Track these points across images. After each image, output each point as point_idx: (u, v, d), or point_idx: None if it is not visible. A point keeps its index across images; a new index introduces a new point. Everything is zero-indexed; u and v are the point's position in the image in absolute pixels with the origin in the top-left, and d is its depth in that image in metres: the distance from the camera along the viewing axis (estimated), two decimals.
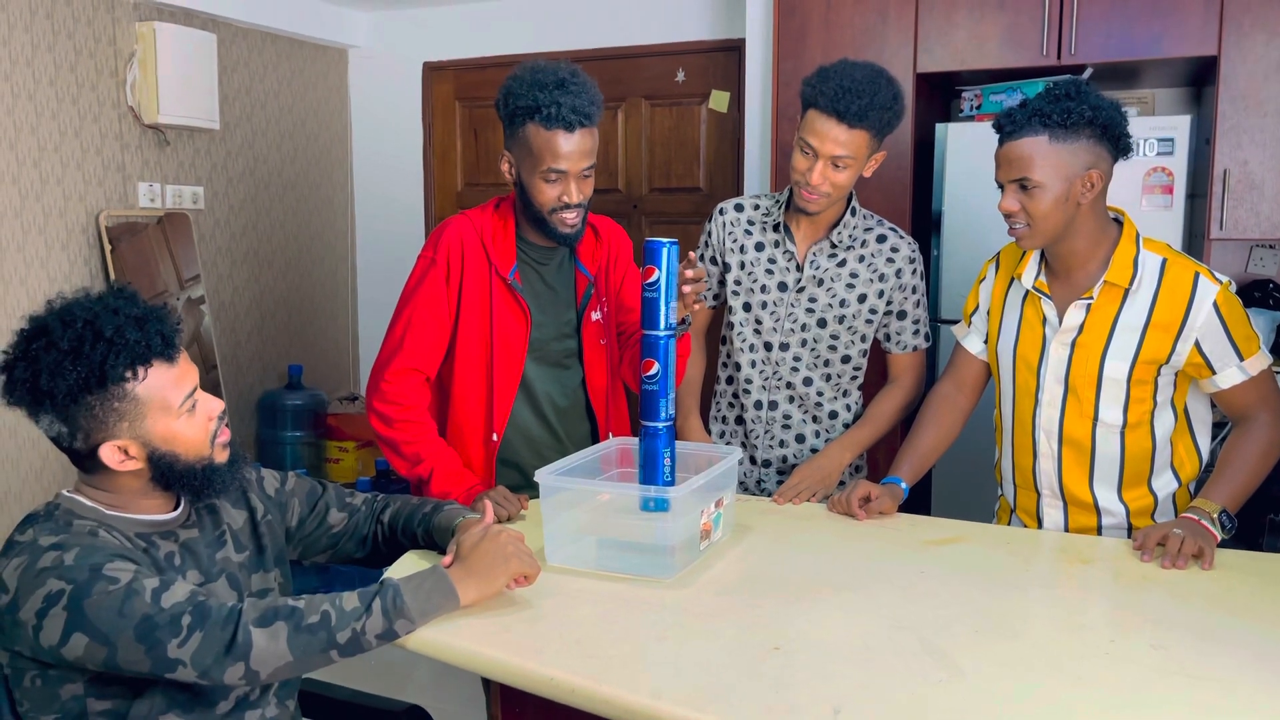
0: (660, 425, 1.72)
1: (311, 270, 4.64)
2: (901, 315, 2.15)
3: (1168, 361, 1.78)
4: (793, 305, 2.12)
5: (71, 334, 1.29)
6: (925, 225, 3.31)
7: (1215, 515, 1.73)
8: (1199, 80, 3.24)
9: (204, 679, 1.24)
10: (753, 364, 2.17)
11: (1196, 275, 1.76)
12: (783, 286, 2.13)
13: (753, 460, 2.23)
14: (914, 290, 2.14)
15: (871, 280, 2.11)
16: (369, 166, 4.81)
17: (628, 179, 4.34)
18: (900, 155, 3.18)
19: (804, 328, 2.13)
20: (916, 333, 2.16)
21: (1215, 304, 1.74)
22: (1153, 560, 1.67)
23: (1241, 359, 1.77)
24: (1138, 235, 1.81)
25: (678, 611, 1.47)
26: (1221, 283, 1.76)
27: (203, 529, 1.46)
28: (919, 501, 3.15)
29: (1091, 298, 1.80)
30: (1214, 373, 1.78)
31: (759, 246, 2.15)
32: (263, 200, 4.35)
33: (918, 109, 3.18)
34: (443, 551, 1.62)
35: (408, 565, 1.62)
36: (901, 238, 2.14)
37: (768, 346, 2.15)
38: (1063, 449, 1.87)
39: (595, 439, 2.08)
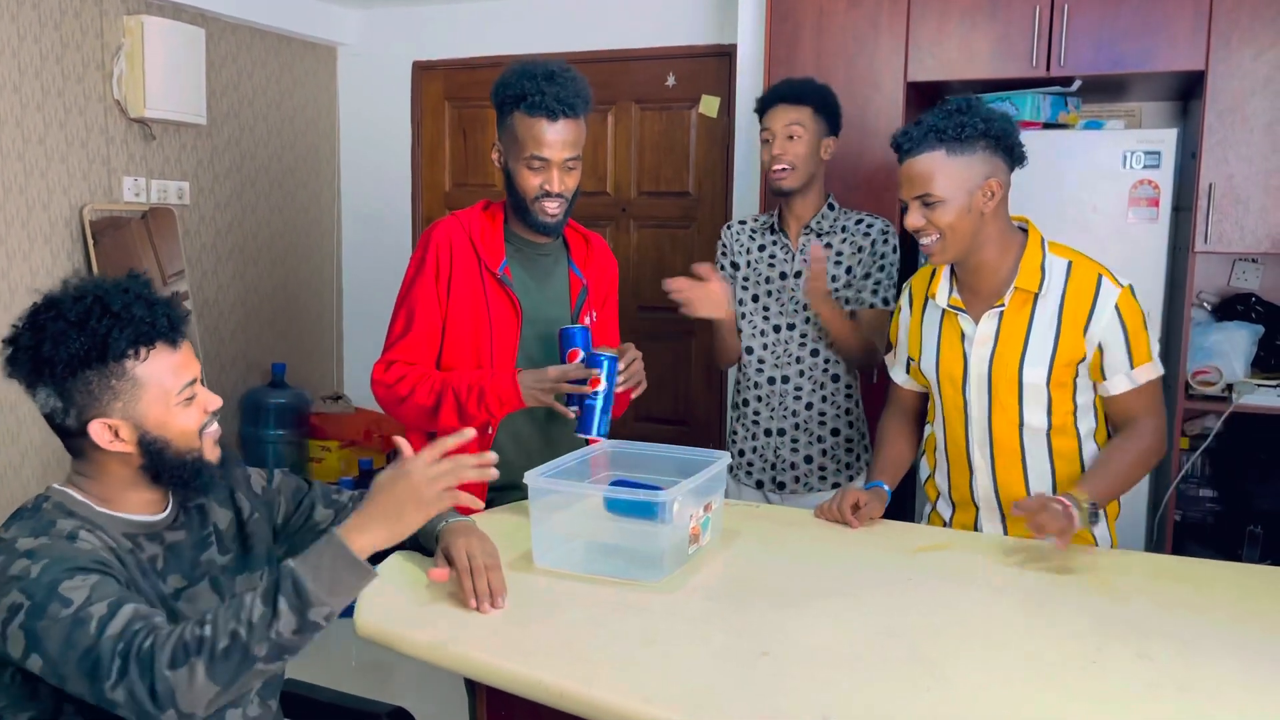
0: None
1: (297, 268, 4.61)
2: (865, 276, 2.43)
3: (1084, 360, 1.82)
4: (793, 290, 2.45)
5: (80, 307, 1.29)
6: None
7: (1085, 505, 1.75)
8: (1186, 94, 3.27)
9: None
10: (765, 346, 2.48)
11: (1100, 277, 1.80)
12: (783, 275, 2.46)
13: (767, 433, 2.49)
14: (882, 256, 2.43)
15: (853, 253, 2.44)
16: (356, 165, 4.78)
17: (616, 182, 4.34)
18: (889, 162, 3.19)
19: (805, 307, 2.42)
20: (875, 292, 2.43)
21: (1116, 307, 1.79)
22: (1022, 524, 1.73)
23: (1131, 367, 1.81)
24: (1044, 240, 1.85)
25: (666, 616, 1.46)
26: (1123, 286, 1.80)
27: (189, 530, 1.44)
28: (904, 509, 3.15)
29: (1003, 305, 1.84)
30: (1105, 378, 1.82)
31: (761, 247, 2.52)
32: (249, 197, 4.32)
33: (908, 117, 3.19)
34: (427, 552, 1.61)
35: (394, 566, 1.62)
36: (876, 218, 2.47)
37: (776, 329, 2.47)
38: (995, 459, 1.91)
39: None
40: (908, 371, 2.05)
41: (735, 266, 2.54)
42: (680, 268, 4.30)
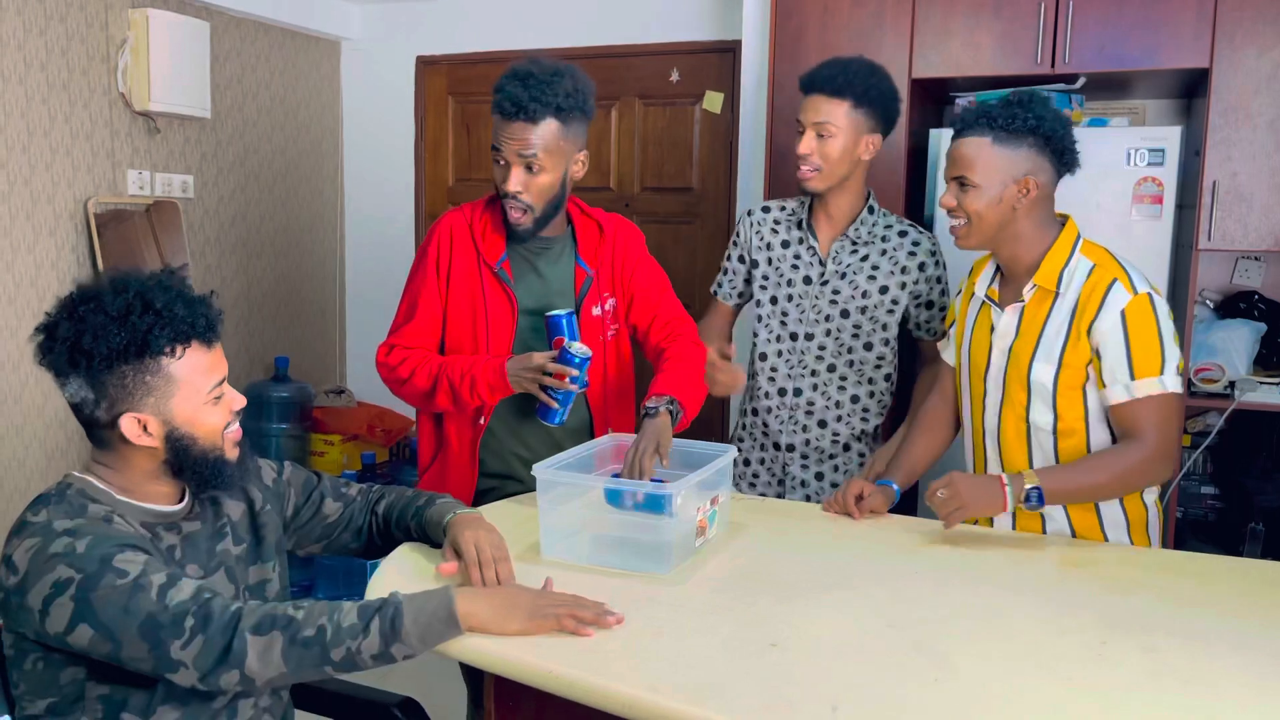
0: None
1: (300, 262, 4.62)
2: (929, 305, 2.26)
3: (1090, 363, 1.80)
4: (817, 297, 2.25)
5: (122, 301, 1.30)
6: None
7: (1026, 488, 1.74)
8: (1190, 92, 3.28)
9: (203, 684, 1.23)
10: (779, 354, 2.29)
11: (1114, 281, 1.77)
12: (807, 280, 2.27)
13: (776, 446, 2.33)
14: (939, 281, 2.27)
15: (893, 273, 2.23)
16: (360, 159, 4.78)
17: (619, 177, 4.34)
18: (894, 160, 3.19)
19: (828, 318, 2.25)
20: (945, 319, 2.26)
21: (1122, 313, 1.74)
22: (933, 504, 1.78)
23: (1132, 378, 1.75)
24: (1077, 239, 1.84)
25: (674, 607, 1.47)
26: (1139, 293, 1.75)
27: (204, 521, 1.45)
28: (907, 506, 3.16)
29: (1023, 301, 1.84)
30: (1105, 386, 1.79)
31: (785, 244, 2.30)
32: (252, 191, 4.33)
33: (912, 114, 3.20)
34: (435, 545, 1.62)
35: (401, 559, 1.62)
36: (921, 233, 2.27)
37: (793, 337, 2.28)
38: (1001, 452, 1.91)
39: (591, 432, 2.09)
40: None
41: (753, 264, 2.33)
42: (683, 264, 4.33)
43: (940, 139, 3.18)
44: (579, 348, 1.88)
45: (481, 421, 2.02)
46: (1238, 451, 3.12)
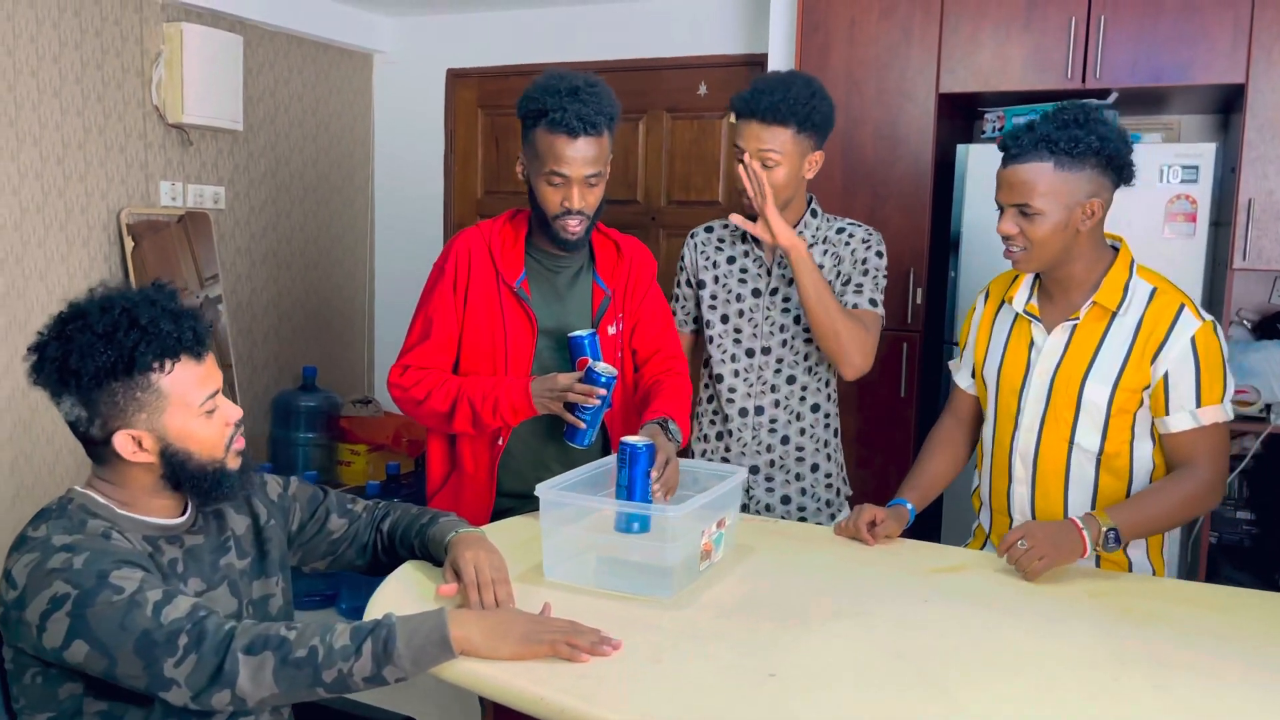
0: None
1: (330, 273, 4.66)
2: (846, 281, 2.15)
3: (1148, 388, 1.75)
4: (769, 309, 2.19)
5: (108, 319, 1.31)
6: (943, 246, 3.28)
7: (1104, 530, 1.69)
8: (1226, 108, 3.21)
9: (195, 703, 1.23)
10: (735, 373, 2.22)
11: (1181, 306, 1.74)
12: (756, 293, 2.21)
13: None
14: (863, 261, 2.15)
15: (835, 267, 2.17)
16: (390, 171, 4.82)
17: (647, 190, 4.33)
18: (920, 175, 3.16)
19: (782, 328, 2.19)
20: (858, 291, 2.14)
21: (1192, 339, 1.72)
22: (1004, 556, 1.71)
23: (1198, 405, 1.73)
24: (1132, 262, 1.80)
25: (674, 633, 1.45)
26: (1205, 320, 1.73)
27: (207, 535, 1.45)
28: (930, 529, 3.11)
29: (1078, 319, 1.79)
30: (1167, 414, 1.75)
31: (730, 260, 2.24)
32: (283, 202, 4.38)
33: (939, 129, 3.16)
34: (437, 563, 1.61)
35: (403, 577, 1.61)
36: (860, 227, 2.19)
37: (749, 353, 2.21)
38: (1036, 472, 1.86)
39: (607, 452, 2.07)
40: (973, 375, 1.99)
41: (699, 285, 2.26)
42: None
43: (968, 154, 3.14)
44: (604, 367, 1.86)
45: (500, 442, 2.01)
46: (1274, 476, 3.03)
